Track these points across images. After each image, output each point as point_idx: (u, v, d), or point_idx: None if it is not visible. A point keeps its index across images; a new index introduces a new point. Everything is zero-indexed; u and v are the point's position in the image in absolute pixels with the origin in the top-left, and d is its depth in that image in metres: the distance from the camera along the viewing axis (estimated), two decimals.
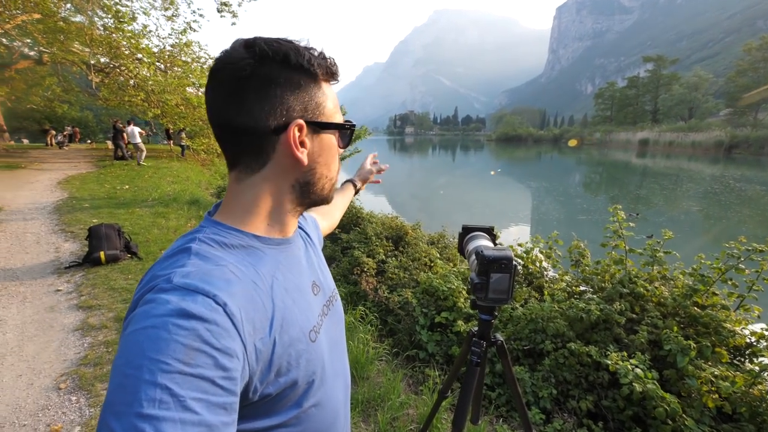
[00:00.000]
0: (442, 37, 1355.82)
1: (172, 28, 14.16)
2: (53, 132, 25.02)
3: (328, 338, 0.71)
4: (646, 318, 2.92)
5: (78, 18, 14.08)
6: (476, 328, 1.29)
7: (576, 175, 31.66)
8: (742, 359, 2.67)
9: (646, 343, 2.71)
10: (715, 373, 2.29)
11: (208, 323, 0.45)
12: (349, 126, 0.69)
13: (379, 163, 1.43)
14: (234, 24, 15.26)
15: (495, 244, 1.24)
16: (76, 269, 4.60)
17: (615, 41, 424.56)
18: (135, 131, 14.40)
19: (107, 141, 23.63)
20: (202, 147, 15.49)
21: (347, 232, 5.98)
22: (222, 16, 14.38)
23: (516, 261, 1.07)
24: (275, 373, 0.55)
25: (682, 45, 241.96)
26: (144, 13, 13.38)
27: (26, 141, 30.75)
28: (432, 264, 4.81)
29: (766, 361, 2.48)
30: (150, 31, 13.54)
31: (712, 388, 2.23)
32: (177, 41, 14.41)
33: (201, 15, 14.19)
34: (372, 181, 1.41)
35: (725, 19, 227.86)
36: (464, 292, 3.60)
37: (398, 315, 3.92)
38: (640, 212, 13.80)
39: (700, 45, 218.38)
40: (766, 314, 2.84)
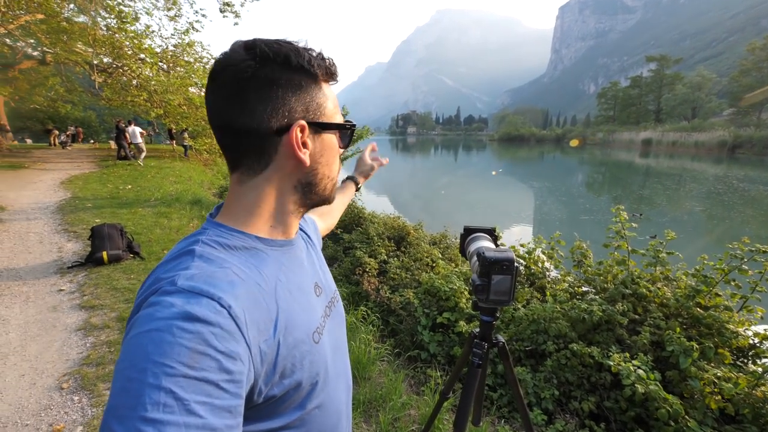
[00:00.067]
0: (445, 37, 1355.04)
1: (175, 29, 14.27)
2: (56, 132, 25.16)
3: (331, 339, 0.70)
4: (649, 319, 2.91)
5: (81, 18, 14.14)
6: (478, 330, 1.29)
7: (579, 175, 31.61)
8: (745, 360, 2.67)
9: (649, 344, 2.70)
10: (718, 375, 2.29)
11: (213, 326, 0.45)
12: (350, 126, 0.69)
13: (380, 158, 1.37)
14: (236, 24, 15.27)
15: (497, 246, 1.24)
16: (79, 269, 4.62)
17: (618, 41, 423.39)
18: (136, 131, 14.46)
19: (110, 141, 23.73)
20: (205, 147, 15.51)
21: (349, 232, 5.97)
22: (224, 17, 14.38)
23: (518, 262, 1.07)
24: (280, 375, 0.54)
25: (686, 44, 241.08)
26: (147, 14, 13.35)
27: (29, 141, 30.85)
28: (434, 264, 4.80)
29: None
30: (153, 32, 13.56)
31: (715, 390, 2.23)
32: (180, 41, 14.44)
33: (203, 15, 14.19)
34: (379, 164, 1.34)
35: (729, 19, 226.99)
36: (466, 293, 3.60)
37: (400, 315, 3.91)
38: (643, 212, 13.74)
39: (704, 44, 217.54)
40: None
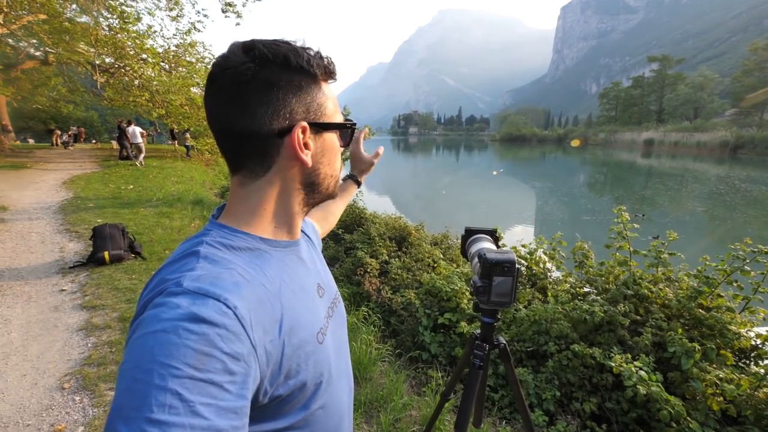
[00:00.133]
0: (447, 37, 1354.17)
1: (177, 29, 14.27)
2: (58, 132, 25.25)
3: (334, 340, 0.71)
4: (651, 320, 2.91)
5: (83, 18, 14.20)
6: (479, 331, 1.29)
7: (580, 176, 31.55)
8: (747, 362, 2.66)
9: (651, 345, 2.69)
10: (720, 376, 2.28)
11: (219, 327, 0.44)
12: (350, 125, 0.69)
13: (377, 151, 1.26)
14: (238, 24, 15.30)
15: (498, 247, 1.24)
16: (81, 269, 4.63)
17: (620, 41, 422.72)
18: (137, 131, 14.47)
19: (112, 141, 23.78)
20: (207, 147, 15.55)
21: (350, 233, 5.97)
22: (226, 17, 14.42)
23: (519, 263, 1.06)
24: (285, 376, 0.54)
25: (688, 44, 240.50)
26: (149, 14, 13.39)
27: (32, 141, 30.92)
28: (435, 265, 4.80)
29: None
30: (155, 32, 13.60)
31: (717, 391, 2.22)
32: (181, 41, 14.48)
33: (205, 15, 14.22)
34: (376, 156, 1.24)
35: (731, 19, 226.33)
36: (467, 294, 3.59)
37: (401, 316, 3.91)
38: (645, 213, 13.71)
39: (706, 44, 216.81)
40: None
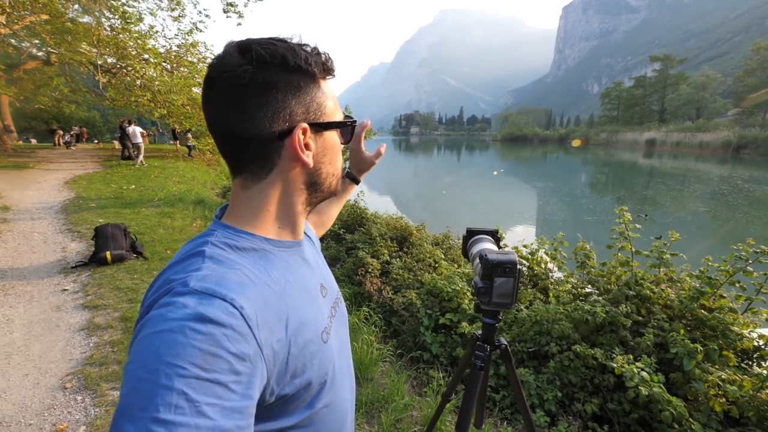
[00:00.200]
0: (448, 37, 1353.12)
1: (179, 29, 14.25)
2: (61, 132, 25.30)
3: (337, 339, 0.71)
4: (653, 320, 2.90)
5: (85, 19, 14.24)
6: (480, 332, 1.28)
7: (582, 176, 31.49)
8: (750, 363, 2.65)
9: (653, 346, 2.69)
10: (723, 377, 2.27)
11: (225, 328, 0.44)
12: (351, 123, 0.69)
13: (378, 149, 1.14)
14: (240, 24, 15.32)
15: (499, 247, 1.24)
16: (83, 269, 4.64)
17: (622, 41, 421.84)
18: (137, 131, 14.48)
19: (114, 141, 23.85)
20: (208, 147, 15.56)
21: (352, 233, 5.97)
22: (228, 17, 14.45)
23: (520, 264, 1.05)
24: (291, 375, 0.54)
25: (690, 44, 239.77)
26: (151, 14, 13.42)
27: (34, 141, 31.05)
28: (436, 265, 4.80)
29: None
30: (156, 32, 13.64)
31: (720, 392, 2.21)
32: (183, 42, 14.51)
33: (207, 15, 14.25)
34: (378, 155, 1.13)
35: (734, 18, 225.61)
36: (469, 294, 3.59)
37: (402, 316, 3.91)
38: (648, 213, 13.70)
39: (708, 44, 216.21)
40: None
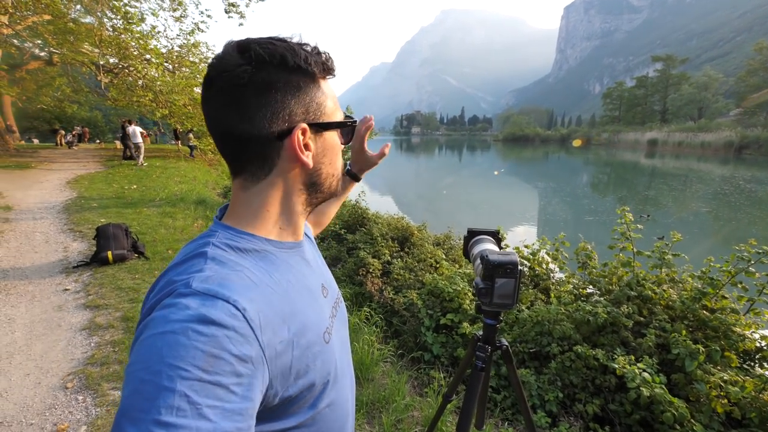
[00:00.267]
0: (449, 37, 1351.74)
1: (180, 29, 14.26)
2: (63, 132, 25.34)
3: (338, 339, 0.71)
4: (654, 321, 2.89)
5: (88, 19, 14.26)
6: (481, 332, 1.28)
7: (584, 176, 31.44)
8: (752, 364, 2.64)
9: (654, 347, 2.68)
10: (725, 378, 2.26)
11: (228, 329, 0.44)
12: (351, 123, 0.68)
13: (383, 148, 1.13)
14: (241, 24, 15.33)
15: (500, 248, 1.23)
16: (84, 268, 4.64)
17: (623, 41, 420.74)
18: (136, 131, 14.47)
19: (116, 141, 23.87)
20: (210, 147, 15.56)
21: (353, 233, 5.96)
22: (230, 17, 14.46)
23: (522, 264, 1.05)
24: (294, 376, 0.54)
25: (692, 44, 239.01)
26: (152, 14, 13.42)
27: (36, 141, 31.12)
28: (437, 265, 4.79)
29: None
30: (158, 32, 13.64)
31: (721, 393, 2.20)
32: (185, 42, 14.52)
33: (209, 16, 14.25)
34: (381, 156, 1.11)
35: (736, 18, 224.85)
36: (470, 294, 3.58)
37: (403, 316, 3.91)
38: (650, 213, 13.67)
39: (711, 44, 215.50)
40: None
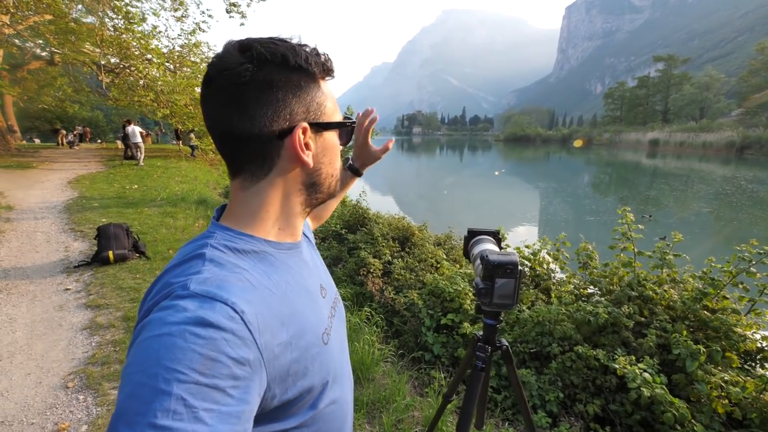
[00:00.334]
0: (451, 37, 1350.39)
1: (182, 29, 14.27)
2: (64, 132, 25.40)
3: (337, 339, 0.71)
4: (655, 321, 2.88)
5: (89, 19, 14.30)
6: (481, 333, 1.28)
7: (585, 176, 31.43)
8: (753, 364, 2.64)
9: (655, 347, 2.67)
10: (725, 378, 2.26)
11: (226, 332, 0.44)
12: (350, 123, 0.69)
13: (387, 143, 1.11)
14: (242, 24, 15.33)
15: (500, 248, 1.23)
16: (85, 268, 4.65)
17: (625, 41, 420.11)
18: (136, 131, 14.48)
19: (117, 141, 23.92)
20: (211, 147, 15.52)
21: (353, 233, 5.96)
22: (231, 17, 14.47)
23: (522, 264, 1.05)
24: (294, 378, 0.54)
25: (694, 44, 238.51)
26: (154, 14, 13.44)
27: (37, 140, 31.19)
28: (438, 265, 4.79)
29: None
30: (160, 32, 13.64)
31: (722, 394, 2.20)
32: (186, 42, 14.54)
33: (210, 16, 14.26)
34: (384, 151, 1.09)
35: (738, 18, 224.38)
36: (470, 294, 3.58)
37: (404, 316, 3.90)
38: (651, 213, 13.66)
39: (712, 44, 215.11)
40: None
